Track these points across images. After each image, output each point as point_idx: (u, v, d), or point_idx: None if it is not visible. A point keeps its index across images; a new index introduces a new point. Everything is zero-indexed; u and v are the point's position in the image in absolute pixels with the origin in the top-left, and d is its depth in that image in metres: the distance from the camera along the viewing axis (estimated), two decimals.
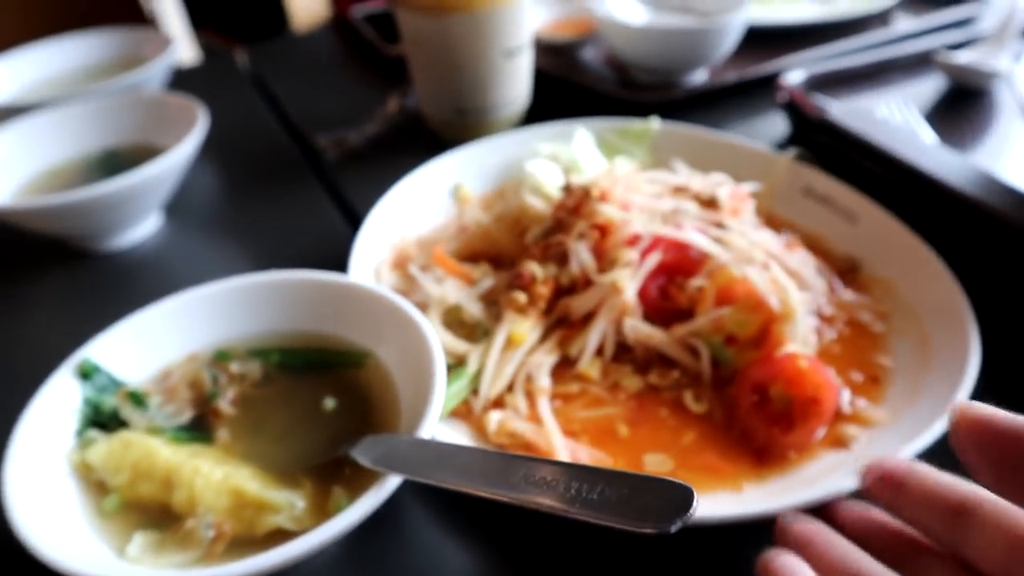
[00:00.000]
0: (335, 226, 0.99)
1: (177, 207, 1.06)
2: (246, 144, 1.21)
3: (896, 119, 1.05)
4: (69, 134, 1.05)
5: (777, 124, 1.13)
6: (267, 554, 0.48)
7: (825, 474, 0.62)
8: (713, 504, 0.60)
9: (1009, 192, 0.78)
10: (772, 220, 0.87)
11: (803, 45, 1.28)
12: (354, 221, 0.98)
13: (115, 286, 0.93)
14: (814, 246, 0.84)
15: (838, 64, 1.16)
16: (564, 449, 0.65)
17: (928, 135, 1.01)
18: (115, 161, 1.02)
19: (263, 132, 1.25)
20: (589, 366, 0.72)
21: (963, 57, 1.15)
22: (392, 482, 0.52)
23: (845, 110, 0.96)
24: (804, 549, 0.50)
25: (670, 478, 0.39)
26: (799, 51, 1.26)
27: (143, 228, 1.00)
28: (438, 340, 0.61)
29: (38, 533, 0.50)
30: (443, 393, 0.57)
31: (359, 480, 0.55)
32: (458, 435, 0.66)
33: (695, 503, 0.38)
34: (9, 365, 0.81)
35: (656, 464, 0.65)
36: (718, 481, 0.63)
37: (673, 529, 0.37)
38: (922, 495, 0.47)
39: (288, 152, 1.18)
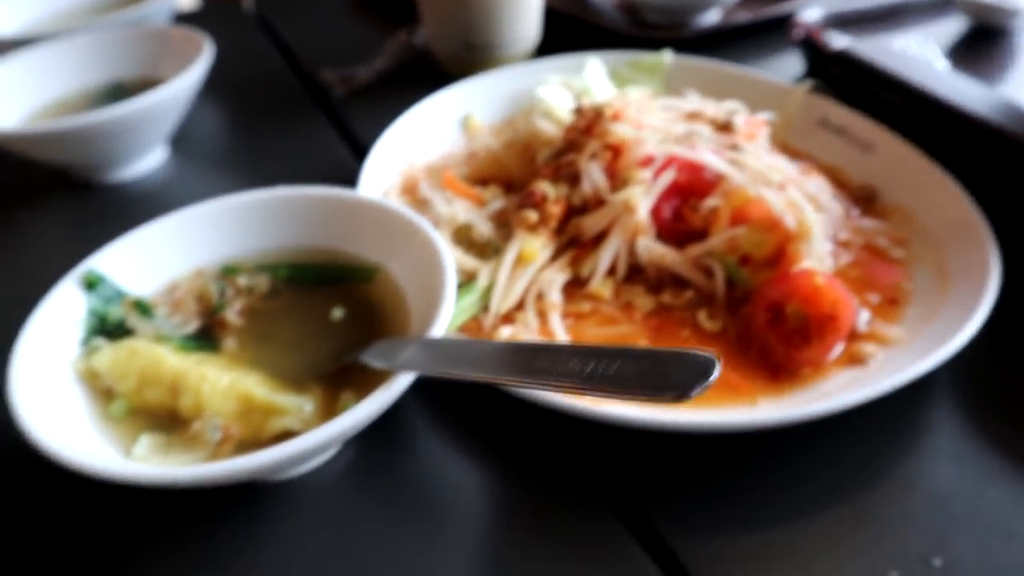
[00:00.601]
0: (342, 160, 0.98)
1: (183, 142, 1.05)
2: (251, 82, 1.20)
3: (914, 53, 1.03)
4: (75, 66, 1.04)
5: (789, 65, 1.11)
6: (276, 448, 0.47)
7: (841, 389, 0.61)
8: (728, 415, 0.59)
9: None
10: (787, 151, 0.86)
11: None
12: (361, 156, 0.97)
13: (120, 217, 0.92)
14: (830, 177, 0.82)
15: (855, 4, 1.14)
16: None
17: (946, 68, 0.99)
18: (120, 93, 1.01)
19: (268, 70, 1.24)
20: (601, 285, 0.71)
21: None
22: (404, 380, 0.51)
23: (862, 44, 0.95)
24: None
25: (689, 349, 0.38)
26: None
27: (148, 161, 0.99)
28: (447, 248, 0.60)
29: (47, 434, 0.50)
30: (454, 297, 0.56)
31: (368, 384, 0.54)
32: None
33: (716, 369, 0.37)
34: (12, 291, 0.81)
35: None
36: (734, 396, 0.62)
37: (694, 394, 0.36)
38: None
39: (294, 89, 1.17)
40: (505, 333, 0.67)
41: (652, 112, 0.79)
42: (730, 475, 0.58)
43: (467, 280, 0.70)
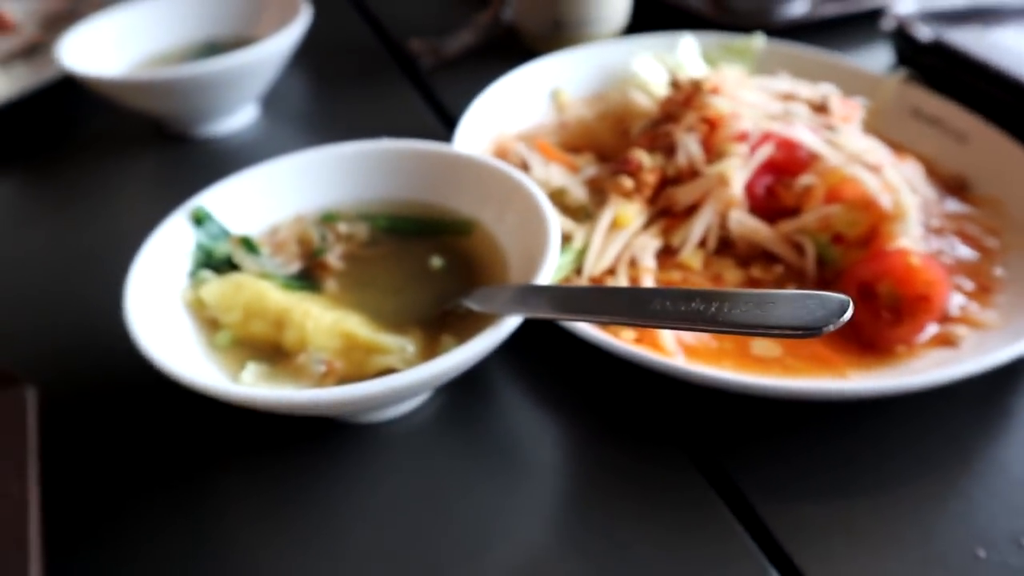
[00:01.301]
0: (431, 128, 0.99)
1: (274, 103, 1.07)
2: (340, 49, 1.22)
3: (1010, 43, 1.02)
4: (173, 22, 1.08)
5: (877, 59, 1.11)
6: (384, 379, 0.48)
7: (931, 368, 0.61)
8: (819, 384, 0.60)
9: None
10: (879, 139, 0.85)
11: None
12: (450, 125, 0.98)
13: (210, 170, 0.93)
14: (922, 166, 0.82)
15: (949, 1, 1.13)
16: None
17: None
18: (216, 50, 1.04)
19: (357, 39, 1.26)
20: (692, 256, 0.71)
21: None
22: (509, 323, 0.52)
23: (957, 33, 0.94)
24: None
25: (818, 291, 0.39)
26: None
27: (239, 118, 1.01)
28: (547, 201, 0.61)
29: (162, 355, 0.51)
30: (558, 247, 0.57)
31: (469, 330, 0.55)
32: None
33: (850, 308, 0.37)
34: (110, 233, 0.83)
35: (764, 349, 0.64)
36: (825, 369, 0.62)
37: (827, 330, 0.37)
38: None
39: (382, 58, 1.19)
40: None
41: (749, 89, 0.79)
42: (818, 445, 0.59)
43: (562, 242, 0.71)
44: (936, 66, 0.93)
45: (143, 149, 0.99)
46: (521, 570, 0.51)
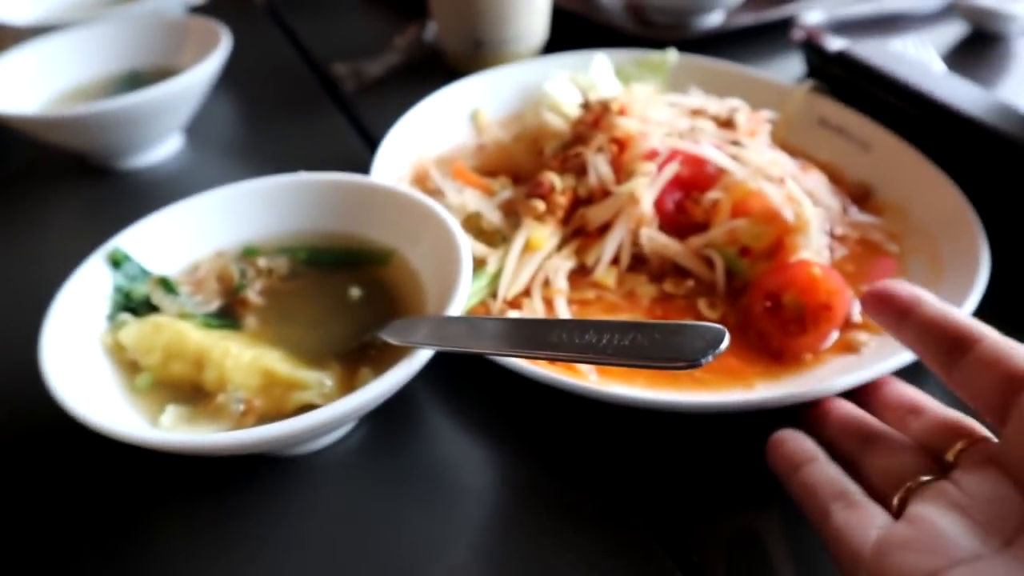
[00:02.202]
0: (355, 151, 1.01)
1: (198, 131, 1.07)
2: (264, 74, 1.23)
3: (911, 55, 1.06)
4: (93, 54, 1.08)
5: (790, 67, 1.14)
6: (299, 418, 0.50)
7: (835, 375, 0.64)
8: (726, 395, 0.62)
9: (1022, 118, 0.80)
10: (786, 149, 0.88)
11: None
12: (373, 147, 0.99)
13: (135, 203, 0.94)
14: (828, 174, 0.85)
15: (856, 9, 1.17)
16: None
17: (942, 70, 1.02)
18: (138, 82, 1.04)
19: (280, 63, 1.27)
20: (605, 274, 0.74)
21: (984, 0, 1.16)
22: (422, 355, 0.54)
23: (861, 45, 0.98)
24: (821, 421, 0.56)
25: (699, 322, 0.41)
26: None
27: (164, 149, 1.02)
28: (460, 229, 0.63)
29: (78, 402, 0.52)
30: (470, 277, 0.59)
31: (386, 362, 0.56)
32: None
33: (726, 339, 0.40)
34: (30, 274, 0.84)
35: None
36: (733, 380, 0.65)
37: (704, 361, 0.39)
38: (926, 322, 0.51)
39: (306, 82, 1.20)
40: (513, 317, 0.69)
41: (657, 108, 0.82)
42: (736, 456, 0.61)
43: (476, 267, 0.73)
44: (841, 76, 0.96)
45: (65, 183, 0.99)
46: None
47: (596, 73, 0.95)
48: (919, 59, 1.04)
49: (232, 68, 1.09)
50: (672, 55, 0.99)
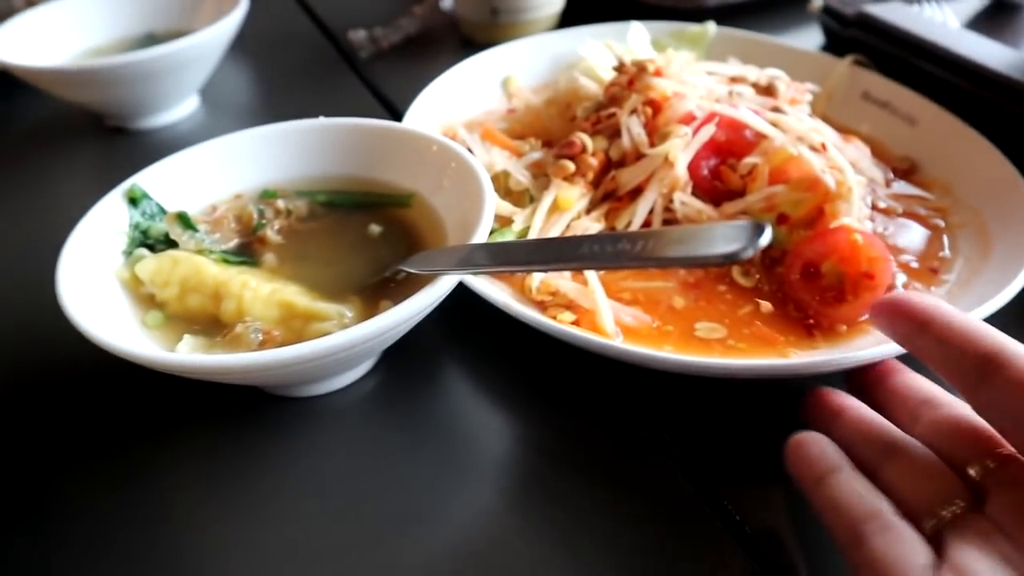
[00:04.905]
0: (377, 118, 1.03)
1: (213, 95, 1.11)
2: (280, 40, 1.27)
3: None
4: (110, 16, 1.12)
5: (807, 37, 1.17)
6: (321, 339, 0.52)
7: (874, 346, 0.65)
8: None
9: None
10: (827, 123, 0.90)
11: None
12: (393, 115, 1.02)
13: (151, 161, 0.97)
14: (871, 149, 0.87)
15: None
16: (607, 308, 0.68)
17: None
18: (155, 43, 1.06)
19: (296, 29, 1.32)
20: None
21: None
22: (445, 283, 0.56)
23: (881, 7, 1.00)
24: (834, 420, 0.55)
25: (737, 221, 0.42)
26: None
27: (180, 109, 1.05)
28: (481, 166, 0.65)
29: (94, 327, 0.54)
30: (493, 210, 0.61)
31: (409, 295, 0.57)
32: (499, 294, 0.70)
33: (767, 232, 0.40)
34: (43, 229, 0.86)
35: (707, 331, 0.67)
36: (768, 349, 0.66)
37: (748, 254, 0.40)
38: (947, 338, 0.49)
39: (322, 48, 1.24)
40: (538, 275, 0.70)
41: (695, 72, 0.84)
42: (767, 425, 0.61)
43: (502, 225, 0.75)
44: (861, 39, 0.98)
45: (82, 141, 1.03)
46: (459, 542, 0.54)
47: (633, 42, 0.97)
48: (938, 19, 1.06)
49: (249, 35, 1.12)
50: (711, 27, 1.01)
